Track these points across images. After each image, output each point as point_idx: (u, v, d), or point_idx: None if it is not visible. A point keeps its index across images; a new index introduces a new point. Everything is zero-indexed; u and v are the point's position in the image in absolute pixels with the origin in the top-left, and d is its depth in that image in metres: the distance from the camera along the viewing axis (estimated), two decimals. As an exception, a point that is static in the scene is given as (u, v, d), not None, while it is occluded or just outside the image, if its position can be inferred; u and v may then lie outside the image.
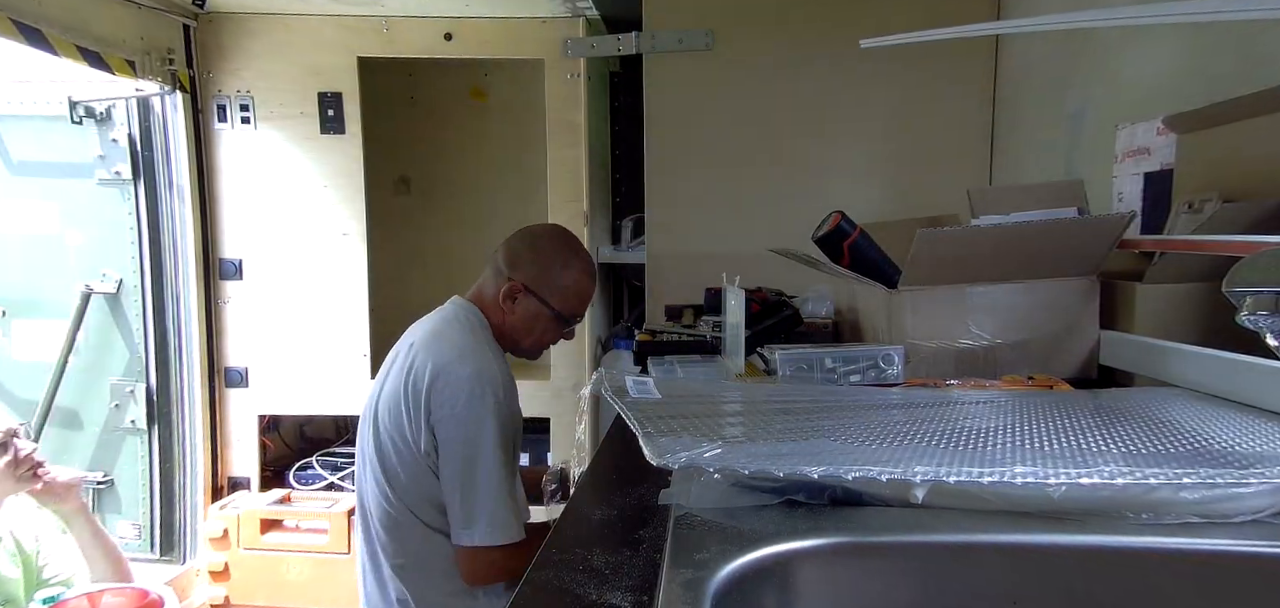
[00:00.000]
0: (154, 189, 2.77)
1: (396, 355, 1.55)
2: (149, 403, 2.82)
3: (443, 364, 1.42)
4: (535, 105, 2.90)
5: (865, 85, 2.20)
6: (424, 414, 1.41)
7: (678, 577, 0.51)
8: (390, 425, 1.46)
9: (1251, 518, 0.58)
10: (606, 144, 3.12)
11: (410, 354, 1.48)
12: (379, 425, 1.48)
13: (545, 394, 2.79)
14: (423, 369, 1.43)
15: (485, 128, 3.29)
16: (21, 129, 2.81)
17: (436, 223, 3.34)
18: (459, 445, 1.40)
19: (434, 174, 3.33)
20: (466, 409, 1.39)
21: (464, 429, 1.39)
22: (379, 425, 1.48)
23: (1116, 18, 1.28)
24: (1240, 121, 1.15)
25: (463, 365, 1.42)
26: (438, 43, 2.74)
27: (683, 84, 2.23)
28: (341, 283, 2.86)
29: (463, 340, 1.48)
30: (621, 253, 2.94)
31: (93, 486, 2.85)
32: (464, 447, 1.40)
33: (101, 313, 2.83)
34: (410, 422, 1.43)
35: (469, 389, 1.39)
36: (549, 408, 2.80)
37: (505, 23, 2.71)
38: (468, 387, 1.39)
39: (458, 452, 1.40)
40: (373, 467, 1.49)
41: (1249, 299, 0.68)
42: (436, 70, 3.15)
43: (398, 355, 1.54)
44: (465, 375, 1.40)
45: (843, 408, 0.84)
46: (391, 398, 1.47)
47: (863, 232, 1.23)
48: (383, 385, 1.53)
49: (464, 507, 1.40)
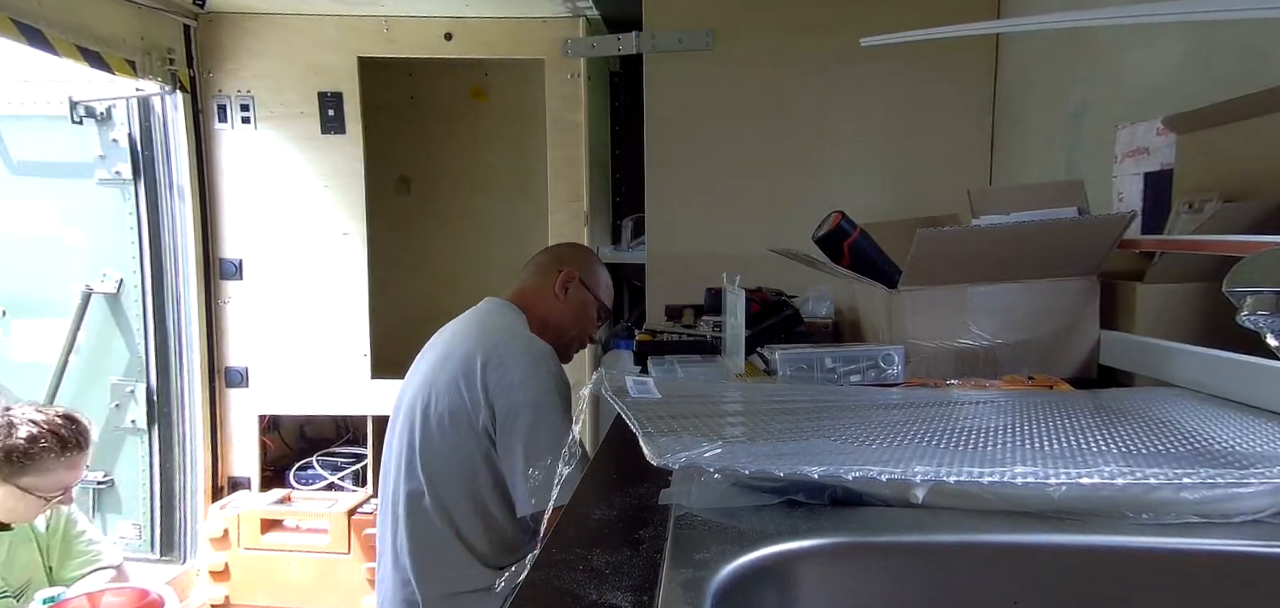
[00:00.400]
0: (154, 189, 2.77)
1: (433, 348, 1.58)
2: (149, 403, 2.82)
3: (493, 343, 1.47)
4: (535, 105, 2.90)
5: (865, 85, 2.20)
6: (481, 390, 1.43)
7: (678, 577, 0.51)
8: (440, 409, 1.46)
9: (1252, 518, 0.58)
10: (606, 144, 3.12)
11: (454, 344, 1.52)
12: (428, 415, 1.48)
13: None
14: (473, 353, 1.46)
15: (485, 128, 3.29)
16: (22, 129, 2.81)
17: (436, 223, 3.34)
18: (523, 411, 1.42)
19: (434, 174, 3.33)
20: (527, 378, 1.43)
21: (526, 394, 1.42)
22: (428, 415, 1.48)
23: (1117, 17, 1.28)
24: (1240, 122, 1.15)
25: (513, 342, 1.48)
26: (438, 43, 2.74)
27: (683, 84, 2.23)
28: (341, 283, 2.86)
29: (507, 325, 1.55)
30: (621, 253, 2.94)
31: (93, 485, 2.86)
32: (528, 411, 1.42)
33: (102, 313, 2.83)
34: (466, 402, 1.44)
35: (526, 361, 1.45)
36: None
37: (505, 23, 2.71)
38: (524, 359, 1.45)
39: (521, 419, 1.42)
40: (407, 455, 1.50)
41: (1249, 299, 0.68)
42: (436, 70, 3.15)
43: (435, 348, 1.57)
44: (518, 350, 1.46)
45: (843, 408, 0.84)
46: (441, 383, 1.47)
47: (863, 231, 1.23)
48: (414, 378, 1.55)
49: (531, 470, 1.41)
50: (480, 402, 1.43)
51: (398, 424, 1.56)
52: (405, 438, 1.51)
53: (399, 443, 1.53)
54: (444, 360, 1.49)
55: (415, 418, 1.49)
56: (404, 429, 1.52)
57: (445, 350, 1.52)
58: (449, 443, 1.46)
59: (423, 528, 1.48)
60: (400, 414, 1.56)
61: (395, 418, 1.58)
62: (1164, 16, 1.07)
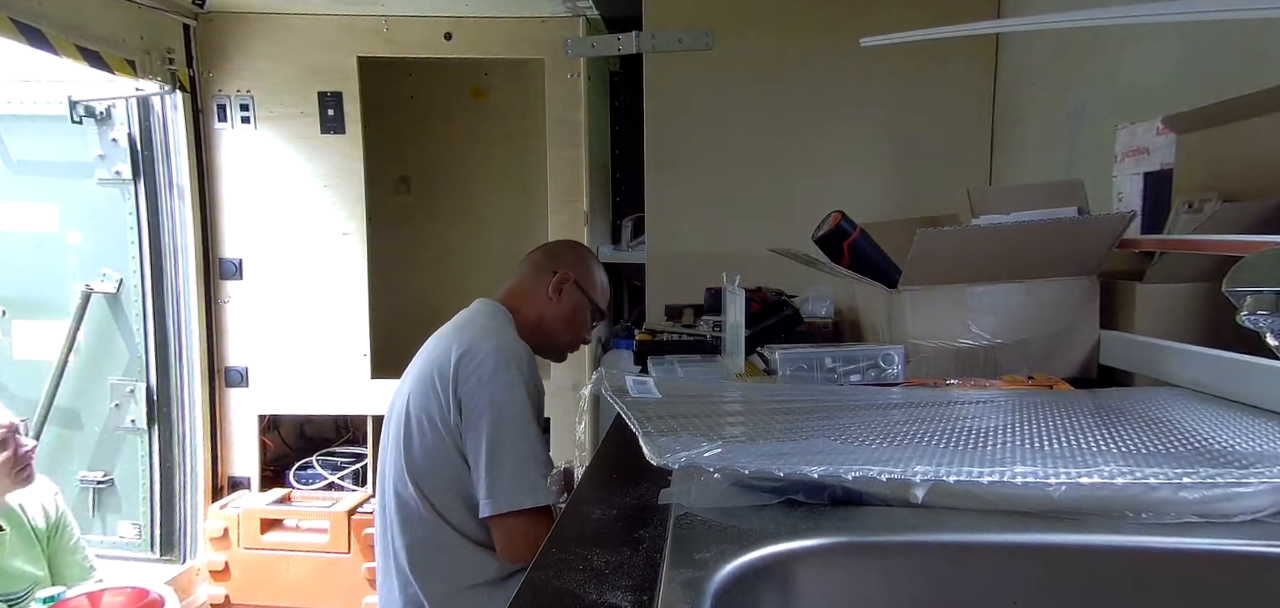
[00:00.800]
0: (154, 189, 2.77)
1: (423, 352, 1.59)
2: (149, 403, 2.82)
3: (467, 343, 1.46)
4: (535, 105, 2.90)
5: (866, 85, 2.20)
6: (452, 388, 1.44)
7: (678, 576, 0.51)
8: (418, 409, 1.47)
9: (1251, 518, 0.58)
10: (606, 144, 3.12)
11: (437, 344, 1.53)
12: (409, 415, 1.49)
13: (545, 394, 2.79)
14: (448, 351, 1.46)
15: (485, 128, 3.29)
16: (21, 129, 2.81)
17: (436, 223, 3.34)
18: (486, 411, 1.41)
19: (434, 174, 3.33)
20: (492, 377, 1.42)
21: (490, 394, 1.42)
22: (409, 415, 1.49)
23: (1117, 16, 1.28)
24: (1240, 121, 1.15)
25: (486, 341, 1.47)
26: (438, 42, 2.74)
27: (683, 84, 2.23)
28: (341, 283, 2.86)
29: (486, 325, 1.54)
30: (621, 253, 2.94)
31: (93, 485, 2.86)
32: (491, 411, 1.41)
33: (101, 313, 2.83)
34: (439, 401, 1.45)
35: (494, 360, 1.43)
36: (549, 408, 2.79)
37: (505, 22, 2.71)
38: (493, 358, 1.44)
39: (485, 418, 1.41)
40: (395, 456, 1.50)
41: (1249, 299, 0.68)
42: (436, 70, 3.15)
43: (424, 352, 1.58)
44: (489, 349, 1.45)
45: (843, 408, 0.84)
46: (420, 382, 1.49)
47: (863, 231, 1.23)
48: (405, 382, 1.56)
49: (491, 472, 1.40)
50: (451, 402, 1.44)
51: (390, 427, 1.57)
52: (396, 441, 1.51)
53: (391, 446, 1.54)
54: (427, 363, 1.50)
55: (403, 421, 1.50)
56: (395, 432, 1.53)
57: (430, 353, 1.53)
58: (431, 444, 1.46)
59: (418, 529, 1.48)
60: (392, 417, 1.57)
61: (388, 421, 1.59)
62: (1164, 16, 1.07)
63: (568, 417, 2.78)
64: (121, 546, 2.86)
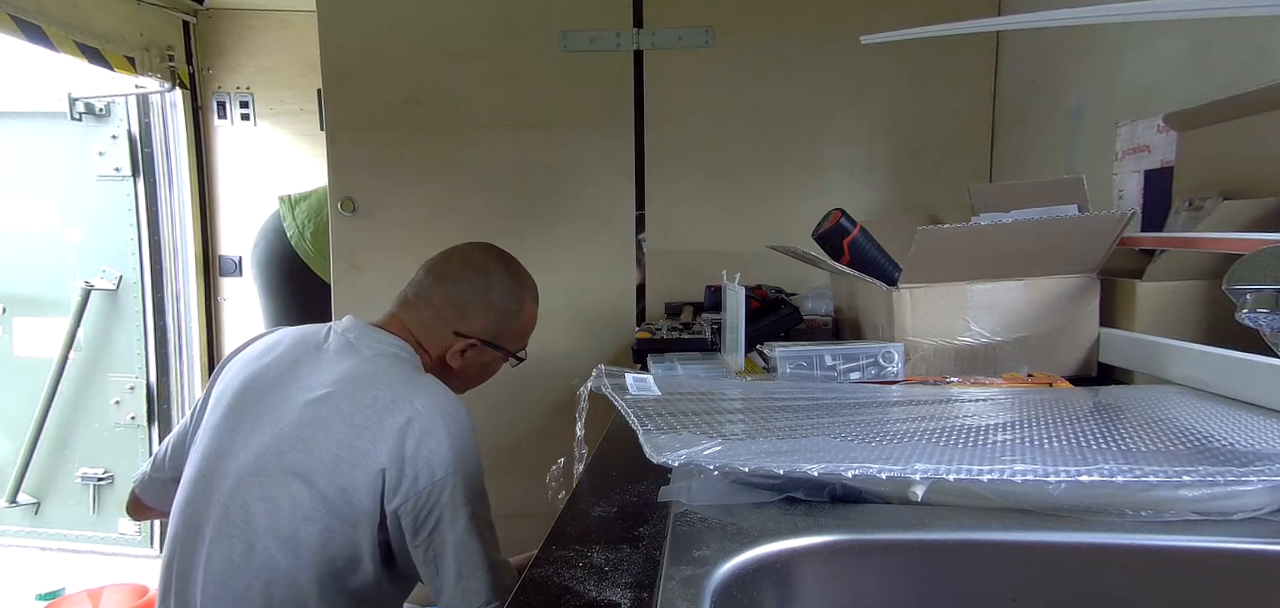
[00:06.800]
0: (153, 186, 2.77)
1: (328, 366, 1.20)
2: (149, 399, 2.82)
3: (416, 412, 1.11)
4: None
5: (865, 83, 2.20)
6: (397, 486, 1.09)
7: (677, 574, 0.51)
8: (332, 454, 1.09)
9: (1251, 515, 0.58)
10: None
11: (360, 391, 1.14)
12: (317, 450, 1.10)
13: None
14: (385, 412, 1.11)
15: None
16: (21, 126, 2.80)
17: (436, 220, 3.33)
18: (449, 509, 1.10)
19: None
20: (452, 468, 1.11)
21: (451, 492, 1.10)
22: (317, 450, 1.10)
23: (1117, 14, 1.28)
24: (1241, 119, 1.15)
25: (437, 422, 1.12)
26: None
27: (682, 82, 2.23)
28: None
29: (427, 386, 1.17)
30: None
31: (93, 481, 2.86)
32: (464, 505, 1.11)
33: (101, 309, 2.83)
34: (369, 479, 1.08)
35: (451, 448, 1.11)
36: (549, 405, 2.80)
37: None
38: (448, 446, 1.11)
39: (448, 515, 1.10)
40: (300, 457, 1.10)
41: (1249, 297, 0.68)
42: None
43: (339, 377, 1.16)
44: (441, 433, 1.11)
45: (842, 405, 0.84)
46: (349, 425, 1.11)
47: (863, 229, 1.23)
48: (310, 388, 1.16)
49: (468, 574, 1.11)
50: (392, 488, 1.11)
51: (281, 415, 1.18)
52: (296, 441, 1.14)
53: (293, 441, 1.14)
54: (354, 413, 1.13)
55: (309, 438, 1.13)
56: (293, 434, 1.15)
57: (355, 398, 1.14)
58: (331, 523, 1.10)
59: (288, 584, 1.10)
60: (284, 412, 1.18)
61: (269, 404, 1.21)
62: (1164, 13, 1.07)
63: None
64: (121, 543, 2.87)
